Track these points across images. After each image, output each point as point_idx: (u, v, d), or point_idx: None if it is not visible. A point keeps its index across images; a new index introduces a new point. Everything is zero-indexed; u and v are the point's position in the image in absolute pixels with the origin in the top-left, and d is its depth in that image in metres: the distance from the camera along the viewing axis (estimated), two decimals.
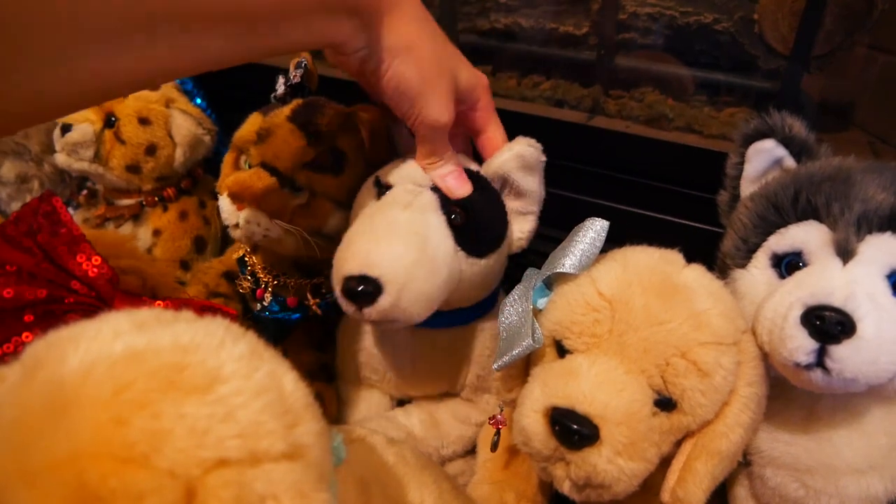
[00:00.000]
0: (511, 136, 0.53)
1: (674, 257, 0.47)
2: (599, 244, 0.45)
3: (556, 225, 0.55)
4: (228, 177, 0.57)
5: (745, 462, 0.50)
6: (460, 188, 0.51)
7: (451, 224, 0.50)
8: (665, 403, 0.42)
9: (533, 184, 0.53)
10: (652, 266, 0.45)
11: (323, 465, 0.27)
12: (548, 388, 0.42)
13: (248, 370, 0.26)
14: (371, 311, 0.45)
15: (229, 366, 0.25)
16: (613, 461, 0.40)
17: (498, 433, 0.52)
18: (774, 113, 0.50)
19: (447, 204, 0.51)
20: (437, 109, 0.47)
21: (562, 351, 0.44)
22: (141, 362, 0.24)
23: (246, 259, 0.67)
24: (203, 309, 0.47)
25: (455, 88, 0.48)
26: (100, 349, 0.25)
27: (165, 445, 0.22)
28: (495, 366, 0.45)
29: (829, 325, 0.39)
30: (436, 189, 0.51)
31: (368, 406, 0.65)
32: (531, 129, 0.53)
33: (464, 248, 0.51)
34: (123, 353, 0.25)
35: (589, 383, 0.41)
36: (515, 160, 0.51)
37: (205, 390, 0.24)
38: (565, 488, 0.42)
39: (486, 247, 0.52)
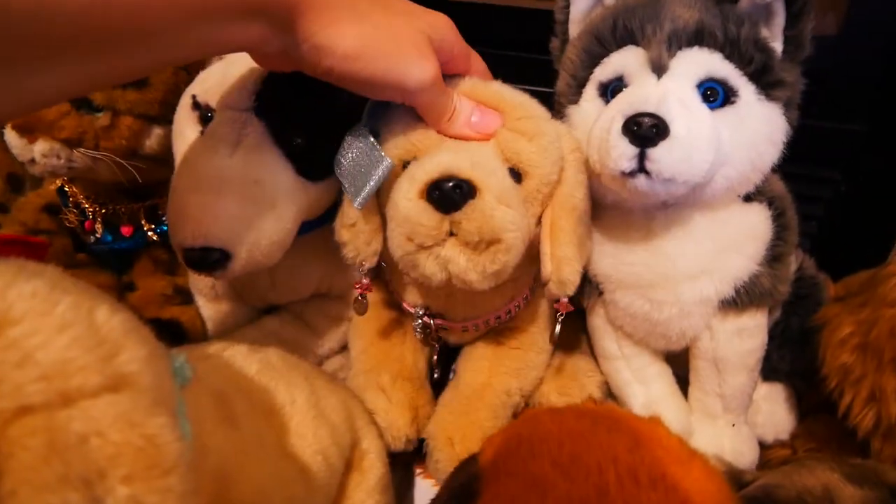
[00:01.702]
0: None
1: None
2: None
3: None
4: None
5: (598, 291, 0.55)
6: (492, 124, 0.46)
7: (291, 153, 0.47)
8: (514, 174, 0.46)
9: None
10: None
11: (158, 389, 0.25)
12: (415, 175, 0.43)
13: (44, 307, 0.23)
14: (224, 276, 0.44)
15: (20, 305, 0.22)
16: (497, 207, 0.42)
17: (363, 297, 0.52)
18: None
19: (283, 130, 0.46)
20: (417, 75, 0.41)
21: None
22: None
23: (66, 189, 0.61)
24: (7, 243, 0.42)
25: (429, 42, 0.42)
26: None
27: None
28: (356, 203, 0.45)
29: (645, 129, 0.43)
30: (262, 113, 0.46)
31: (235, 319, 0.63)
32: None
33: (307, 176, 0.48)
34: None
35: (450, 153, 0.43)
36: None
37: None
38: (461, 264, 0.43)
39: (330, 164, 0.49)
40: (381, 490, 0.49)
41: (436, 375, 0.60)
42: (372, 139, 0.45)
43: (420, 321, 0.55)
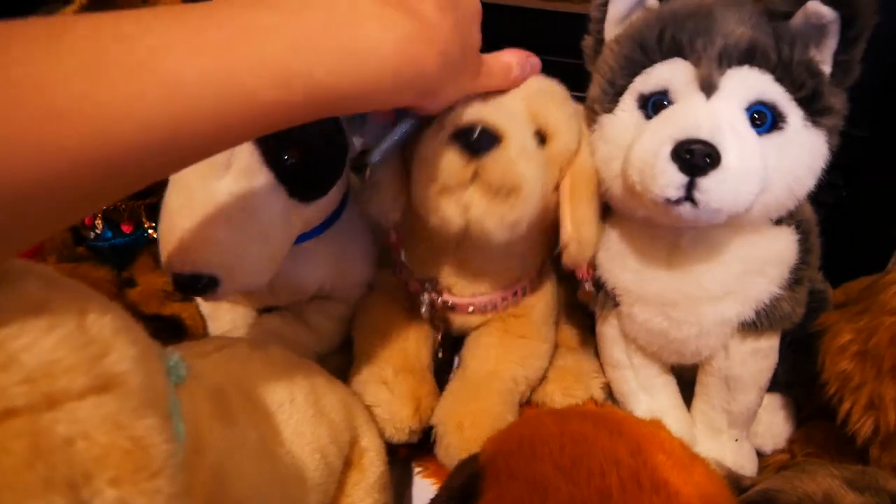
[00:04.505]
0: None
1: None
2: None
3: None
4: None
5: (614, 302, 0.53)
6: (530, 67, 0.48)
7: (283, 175, 0.45)
8: (540, 136, 0.47)
9: None
10: None
11: (149, 389, 0.25)
12: (446, 120, 0.44)
13: (32, 307, 0.23)
14: (214, 298, 0.44)
15: (7, 306, 0.22)
16: (519, 157, 0.44)
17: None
18: None
19: (274, 151, 0.44)
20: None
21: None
22: None
23: None
24: None
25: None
26: None
27: None
28: (376, 158, 0.44)
29: (698, 157, 0.40)
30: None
31: (234, 318, 0.62)
32: None
33: (300, 198, 0.47)
34: None
35: (483, 107, 0.44)
36: None
37: None
38: (481, 208, 0.45)
39: (326, 183, 0.49)
40: (380, 488, 0.49)
41: (440, 355, 0.60)
42: None
43: (427, 297, 0.55)
